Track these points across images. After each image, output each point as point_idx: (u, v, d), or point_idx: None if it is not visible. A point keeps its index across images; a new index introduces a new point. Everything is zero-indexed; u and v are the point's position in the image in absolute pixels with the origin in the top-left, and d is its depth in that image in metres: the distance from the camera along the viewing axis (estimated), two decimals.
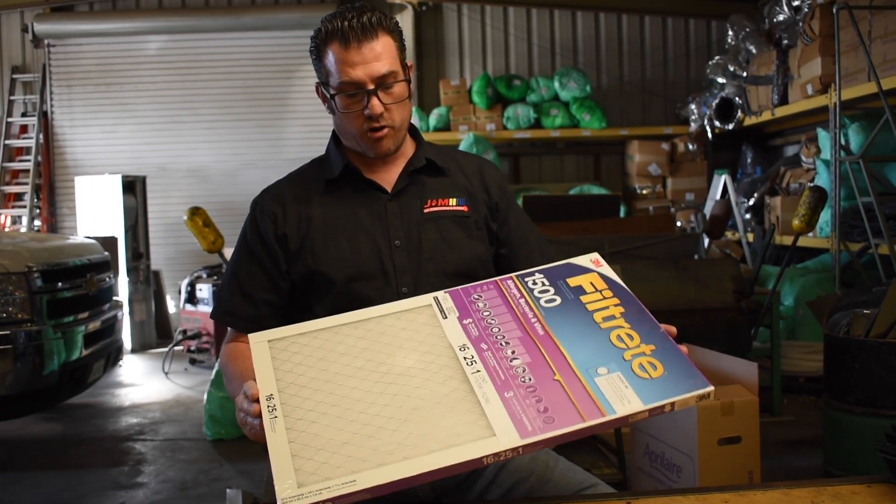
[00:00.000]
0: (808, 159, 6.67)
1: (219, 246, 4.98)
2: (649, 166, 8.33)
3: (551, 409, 1.23)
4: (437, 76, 8.71)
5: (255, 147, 8.86)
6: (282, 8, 8.74)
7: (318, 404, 1.30)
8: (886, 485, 1.48)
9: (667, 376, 1.26)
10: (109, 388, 6.23)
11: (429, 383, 1.31)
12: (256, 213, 1.81)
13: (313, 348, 1.40)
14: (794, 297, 5.73)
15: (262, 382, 1.35)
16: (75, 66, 8.81)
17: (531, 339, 1.36)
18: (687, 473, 2.95)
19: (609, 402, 1.23)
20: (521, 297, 1.45)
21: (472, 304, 1.45)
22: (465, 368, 1.32)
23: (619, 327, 1.35)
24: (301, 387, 1.33)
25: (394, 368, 1.35)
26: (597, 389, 1.25)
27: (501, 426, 1.21)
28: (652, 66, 8.99)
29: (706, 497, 1.46)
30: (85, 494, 4.01)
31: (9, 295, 4.11)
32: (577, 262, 1.51)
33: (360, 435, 1.24)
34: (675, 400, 1.24)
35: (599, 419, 1.21)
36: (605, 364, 1.29)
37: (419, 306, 1.46)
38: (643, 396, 1.23)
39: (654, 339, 1.33)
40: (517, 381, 1.28)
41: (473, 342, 1.37)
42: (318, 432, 1.25)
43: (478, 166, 1.88)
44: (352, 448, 1.22)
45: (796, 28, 6.26)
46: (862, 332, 3.34)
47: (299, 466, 1.20)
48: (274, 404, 1.30)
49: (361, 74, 1.66)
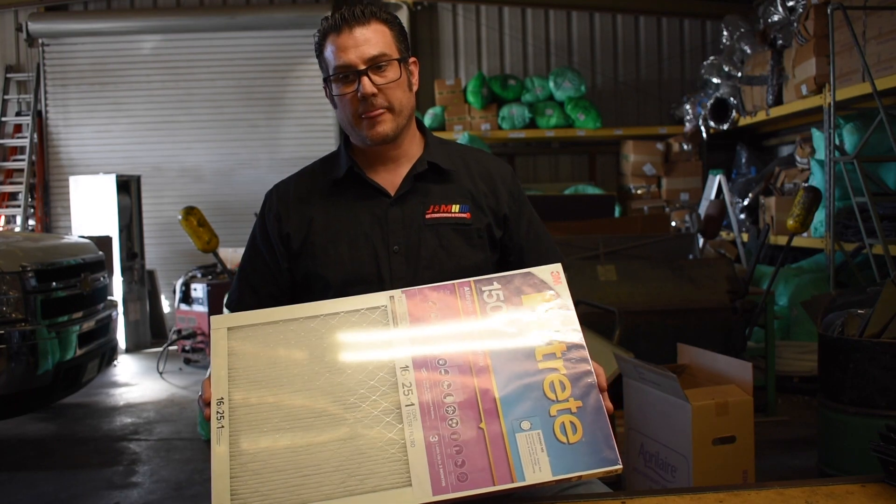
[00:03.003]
0: (802, 159, 6.68)
1: (213, 246, 4.97)
2: (644, 166, 8.34)
3: (467, 465, 1.29)
4: (431, 76, 8.70)
5: (250, 147, 8.85)
6: (277, 7, 8.72)
7: (262, 417, 1.35)
8: (880, 484, 1.49)
9: (583, 444, 1.31)
10: (104, 388, 6.22)
11: (365, 401, 1.36)
12: (265, 209, 1.86)
13: (267, 342, 1.43)
14: (789, 297, 5.74)
15: (216, 381, 1.39)
16: (70, 66, 8.79)
17: (470, 372, 1.38)
18: (681, 473, 2.95)
19: (522, 468, 1.28)
20: (472, 311, 1.45)
21: (426, 313, 1.45)
22: (401, 399, 1.36)
23: (554, 370, 1.38)
24: (249, 392, 1.38)
25: (338, 378, 1.39)
26: (515, 450, 1.30)
27: (419, 477, 1.28)
28: (647, 66, 9.00)
29: (701, 497, 1.46)
30: (79, 494, 4.00)
31: (3, 294, 4.10)
32: (537, 273, 1.51)
33: (293, 464, 1.30)
34: (583, 474, 1.30)
35: (508, 485, 1.27)
36: (531, 418, 1.33)
37: (374, 306, 1.47)
38: (554, 466, 1.29)
39: (583, 393, 1.36)
40: (444, 424, 1.33)
41: (415, 365, 1.39)
42: (256, 455, 1.31)
43: (489, 172, 1.87)
44: (284, 476, 1.29)
45: (791, 28, 6.27)
46: (856, 333, 3.35)
47: (235, 489, 1.27)
48: (223, 411, 1.35)
49: (353, 56, 1.69)
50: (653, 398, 3.08)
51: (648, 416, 3.15)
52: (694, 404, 2.88)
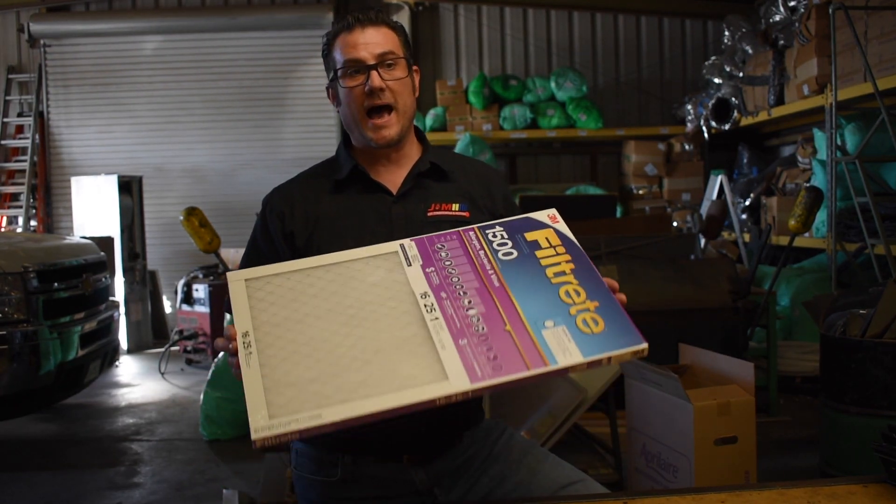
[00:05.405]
0: (804, 159, 6.68)
1: (215, 246, 4.96)
2: (646, 166, 8.34)
3: (500, 357, 1.32)
4: (433, 76, 8.70)
5: (252, 147, 8.85)
6: (278, 8, 8.73)
7: (290, 343, 1.39)
8: (882, 485, 1.49)
9: (607, 332, 1.35)
10: (106, 389, 6.22)
11: (391, 328, 1.40)
12: (266, 210, 1.88)
13: (286, 289, 1.48)
14: (791, 298, 5.73)
15: (239, 320, 1.43)
16: (71, 67, 8.80)
17: (487, 291, 1.44)
18: (683, 473, 2.95)
19: (552, 354, 1.32)
20: (480, 248, 1.53)
21: (436, 254, 1.52)
22: (424, 315, 1.40)
23: (568, 283, 1.44)
24: (274, 325, 1.42)
25: (360, 312, 1.43)
26: (542, 341, 1.34)
27: (454, 371, 1.30)
28: (648, 66, 9.00)
29: (703, 497, 1.46)
30: (81, 495, 4.01)
31: (5, 295, 4.10)
32: (535, 216, 1.60)
33: (326, 373, 1.33)
34: (612, 355, 1.33)
35: (542, 368, 1.30)
36: (552, 317, 1.37)
37: (386, 252, 1.54)
38: (584, 350, 1.32)
39: (598, 295, 1.42)
40: (471, 330, 1.37)
41: (434, 290, 1.45)
42: (288, 369, 1.34)
43: (484, 174, 1.94)
44: (318, 385, 1.31)
45: (792, 28, 6.27)
46: (858, 333, 3.35)
47: (271, 400, 1.29)
48: (249, 341, 1.39)
49: (363, 52, 1.76)
50: (655, 398, 3.08)
51: (650, 416, 3.15)
52: (696, 404, 2.88)
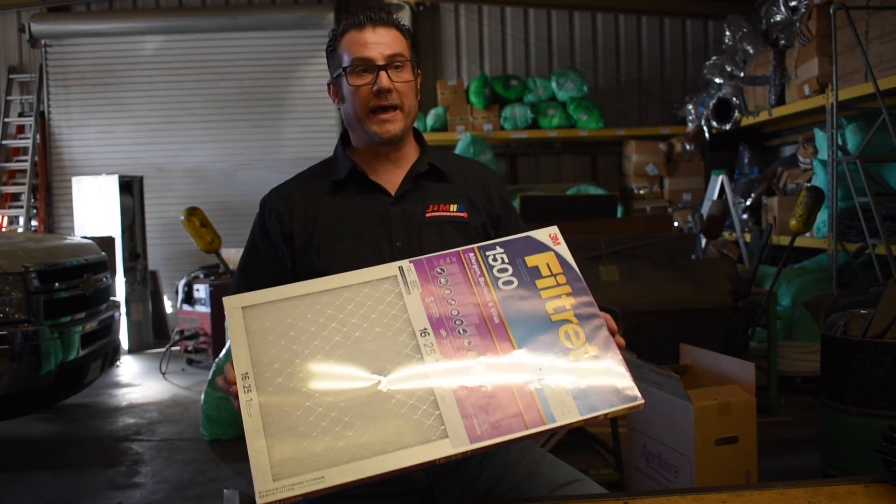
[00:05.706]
0: (805, 159, 6.68)
1: (216, 246, 4.97)
2: (646, 166, 8.34)
3: (499, 414, 1.32)
4: (434, 76, 8.70)
5: (252, 147, 8.85)
6: (279, 8, 8.73)
7: (292, 392, 1.36)
8: (883, 485, 1.49)
9: (605, 386, 1.36)
10: (106, 389, 6.22)
11: (390, 364, 1.38)
12: (265, 211, 1.88)
13: (284, 318, 1.46)
14: (791, 298, 5.73)
15: (238, 359, 1.40)
16: (72, 67, 8.80)
17: (486, 328, 1.43)
18: (684, 473, 2.95)
19: (551, 412, 1.32)
20: (480, 274, 1.51)
21: (435, 280, 1.50)
22: (424, 356, 1.39)
23: (567, 321, 1.44)
24: (273, 362, 1.39)
25: (358, 346, 1.41)
26: (542, 398, 1.34)
27: (454, 429, 1.31)
28: (649, 66, 9.00)
29: (703, 497, 1.46)
30: (81, 495, 4.01)
31: (5, 295, 4.10)
32: (537, 236, 1.58)
33: (328, 430, 1.31)
34: (609, 412, 1.34)
35: (540, 427, 1.31)
36: (552, 368, 1.38)
37: (384, 277, 1.51)
38: (581, 407, 1.33)
39: (596, 338, 1.42)
40: (471, 379, 1.36)
41: (433, 326, 1.43)
42: (291, 424, 1.31)
43: (482, 175, 1.94)
44: (321, 444, 1.29)
45: (793, 28, 6.26)
46: (859, 333, 3.35)
47: (274, 459, 1.27)
48: (249, 385, 1.36)
49: (373, 52, 1.77)
50: (655, 398, 3.08)
51: (651, 416, 3.15)
52: (696, 405, 2.88)
